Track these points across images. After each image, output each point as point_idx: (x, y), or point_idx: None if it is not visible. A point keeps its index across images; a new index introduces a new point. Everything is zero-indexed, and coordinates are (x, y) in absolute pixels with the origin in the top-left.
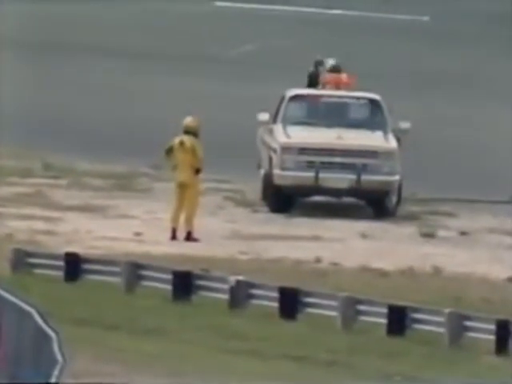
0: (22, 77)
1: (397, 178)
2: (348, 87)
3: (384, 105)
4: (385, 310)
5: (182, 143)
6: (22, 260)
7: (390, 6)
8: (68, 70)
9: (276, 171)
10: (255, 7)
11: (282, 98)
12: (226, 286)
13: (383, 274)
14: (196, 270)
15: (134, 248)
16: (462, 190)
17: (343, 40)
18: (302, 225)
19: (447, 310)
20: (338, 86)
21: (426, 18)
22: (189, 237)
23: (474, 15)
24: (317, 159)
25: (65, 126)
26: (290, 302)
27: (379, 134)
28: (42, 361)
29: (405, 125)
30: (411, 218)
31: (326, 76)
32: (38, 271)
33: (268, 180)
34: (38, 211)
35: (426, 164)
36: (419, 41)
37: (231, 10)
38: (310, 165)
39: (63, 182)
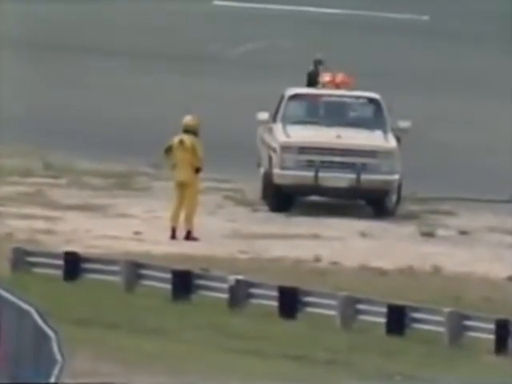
0: (22, 76)
1: (396, 177)
2: (347, 86)
3: (384, 104)
4: (384, 310)
5: (181, 142)
6: (22, 259)
7: (390, 5)
8: (68, 70)
9: (276, 170)
10: (253, 6)
11: (282, 97)
12: (225, 286)
13: (383, 273)
14: (196, 270)
15: (134, 247)
16: (462, 189)
17: (342, 39)
18: (301, 224)
19: (447, 310)
20: (337, 86)
21: (425, 18)
22: (188, 236)
23: (473, 15)
24: (316, 158)
25: (65, 125)
26: (290, 301)
27: (379, 133)
28: (41, 360)
29: (404, 124)
30: (411, 217)
31: (325, 75)
32: (37, 270)
33: (268, 179)
34: (38, 210)
35: (426, 163)
36: (419, 40)
37: (229, 9)
38: (310, 164)
39: (63, 181)
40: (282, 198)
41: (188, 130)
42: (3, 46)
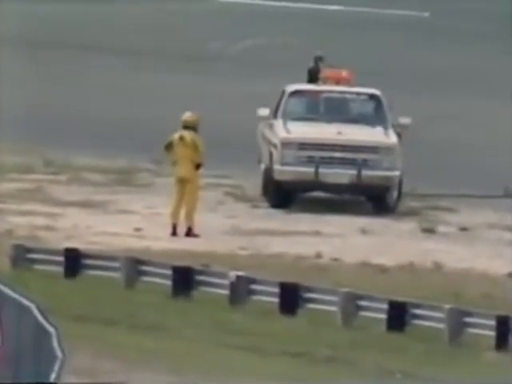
0: (22, 76)
1: (397, 173)
2: (348, 83)
3: (384, 100)
4: (385, 306)
5: (181, 138)
6: (22, 256)
7: (391, 2)
8: (68, 69)
9: (276, 166)
10: (254, 3)
11: (283, 94)
12: (226, 282)
13: (383, 269)
14: (196, 266)
15: (134, 243)
16: (461, 186)
17: (343, 36)
18: (302, 220)
19: (447, 306)
20: (337, 82)
21: (426, 14)
22: (189, 232)
23: (474, 12)
24: (317, 154)
25: (65, 124)
26: (291, 298)
27: (379, 129)
28: (41, 356)
29: (405, 120)
30: (411, 213)
31: (325, 71)
32: (37, 267)
33: (268, 175)
34: (38, 207)
35: (426, 161)
36: (419, 38)
37: (236, 6)
38: (310, 160)
39: (63, 177)
40: (283, 194)
41: (187, 126)
42: (3, 45)
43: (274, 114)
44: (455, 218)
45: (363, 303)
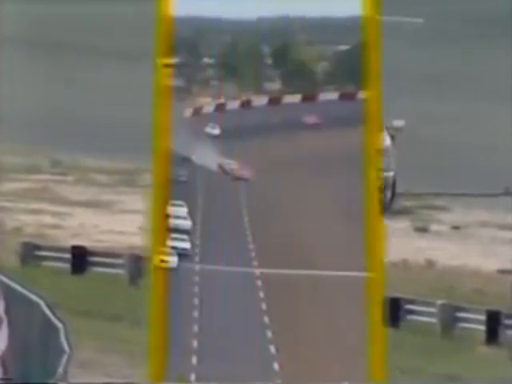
0: (22, 76)
1: (391, 174)
2: None
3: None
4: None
5: None
6: (31, 253)
7: (385, 8)
8: (68, 69)
9: None
10: None
11: None
12: None
13: None
14: None
15: (138, 241)
16: (461, 184)
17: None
18: None
19: (440, 302)
20: None
21: (420, 20)
22: None
23: (474, 12)
24: None
25: (65, 122)
26: None
27: None
28: (49, 350)
29: (398, 123)
30: (405, 212)
31: None
32: (45, 264)
33: None
34: (45, 206)
35: (426, 161)
36: (419, 40)
37: None
38: None
39: (70, 178)
40: None
41: None
42: (3, 45)
43: None
44: (448, 217)
45: None
